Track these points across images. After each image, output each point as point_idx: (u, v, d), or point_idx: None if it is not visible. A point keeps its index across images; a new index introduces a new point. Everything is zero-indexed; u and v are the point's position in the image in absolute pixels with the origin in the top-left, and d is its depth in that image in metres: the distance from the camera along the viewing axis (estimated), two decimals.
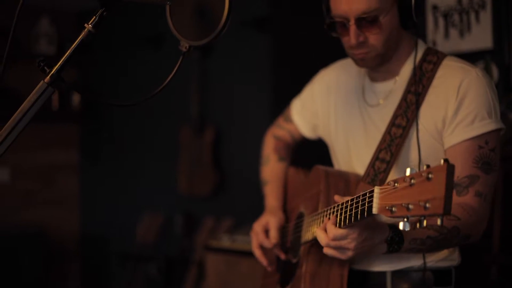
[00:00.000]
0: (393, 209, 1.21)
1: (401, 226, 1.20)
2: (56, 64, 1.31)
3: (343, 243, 1.49)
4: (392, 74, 1.82)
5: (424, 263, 1.74)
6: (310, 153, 2.24)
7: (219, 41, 2.19)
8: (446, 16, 3.35)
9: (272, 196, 2.07)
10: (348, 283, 1.72)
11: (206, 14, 1.28)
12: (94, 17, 1.30)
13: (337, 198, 1.56)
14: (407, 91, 1.75)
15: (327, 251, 1.52)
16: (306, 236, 1.76)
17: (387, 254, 1.57)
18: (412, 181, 1.18)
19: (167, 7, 1.51)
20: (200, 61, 4.35)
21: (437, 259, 1.77)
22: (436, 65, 1.75)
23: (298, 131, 2.13)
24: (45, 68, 1.30)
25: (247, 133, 4.12)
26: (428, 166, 1.17)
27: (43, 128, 4.94)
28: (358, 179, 1.79)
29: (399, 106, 1.75)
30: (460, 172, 1.63)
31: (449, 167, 1.13)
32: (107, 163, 5.19)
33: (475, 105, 1.65)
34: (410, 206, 1.17)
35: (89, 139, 5.34)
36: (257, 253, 1.97)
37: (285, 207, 2.07)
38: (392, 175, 1.76)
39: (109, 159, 5.18)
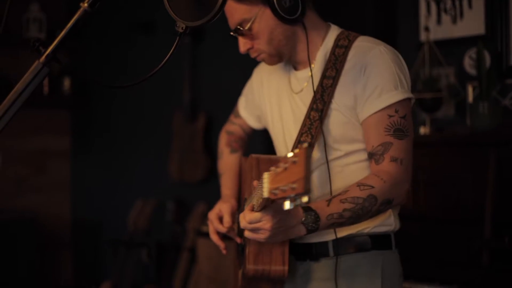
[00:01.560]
0: (275, 191, 1.31)
1: (285, 206, 1.29)
2: (50, 45, 1.30)
3: (258, 225, 1.62)
4: (311, 59, 1.90)
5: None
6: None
7: (211, 27, 2.18)
8: (438, 2, 3.35)
9: (225, 186, 2.20)
10: (294, 256, 1.88)
11: None
12: None
13: (254, 183, 1.67)
14: (323, 76, 1.85)
15: (247, 234, 1.68)
16: None
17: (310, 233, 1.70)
18: (286, 165, 1.29)
19: None
20: (192, 47, 4.34)
21: (373, 226, 1.87)
22: (347, 48, 1.85)
23: (246, 124, 2.28)
24: (40, 48, 1.29)
25: None
26: (295, 149, 1.30)
27: (34, 113, 4.91)
28: None
29: (317, 91, 1.85)
30: (374, 142, 1.78)
31: (307, 151, 1.25)
32: (98, 149, 5.18)
33: (380, 79, 1.77)
34: (285, 188, 1.28)
35: (80, 125, 5.32)
36: (214, 238, 2.13)
37: (240, 195, 2.19)
38: (314, 157, 1.88)
39: (100, 145, 5.17)
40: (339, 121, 1.84)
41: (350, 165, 1.88)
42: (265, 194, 1.37)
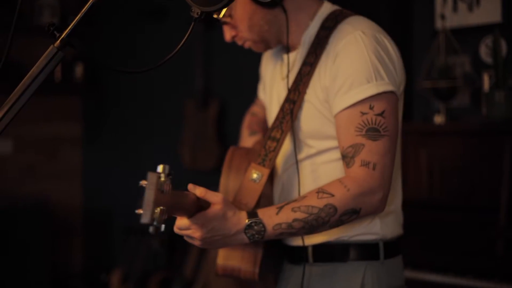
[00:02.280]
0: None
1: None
2: (65, 29, 1.28)
3: (187, 232, 1.51)
4: (297, 44, 1.75)
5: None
6: None
7: None
8: None
9: None
10: (275, 257, 1.76)
11: None
12: None
13: (189, 187, 1.52)
14: (303, 63, 1.68)
15: (185, 238, 1.55)
16: None
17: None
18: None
19: None
20: (204, 34, 4.32)
21: (353, 234, 1.69)
22: (331, 30, 1.66)
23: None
24: (55, 32, 1.28)
25: None
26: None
27: (46, 100, 4.91)
28: None
29: (295, 80, 1.69)
30: (344, 142, 1.57)
31: (152, 178, 1.29)
32: (110, 136, 5.18)
33: (350, 70, 1.57)
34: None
35: (92, 112, 5.32)
36: None
37: None
38: (281, 154, 1.74)
39: (112, 132, 5.17)
40: (312, 114, 1.66)
41: (323, 164, 1.69)
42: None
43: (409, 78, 3.47)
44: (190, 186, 1.48)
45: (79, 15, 1.29)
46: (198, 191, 1.48)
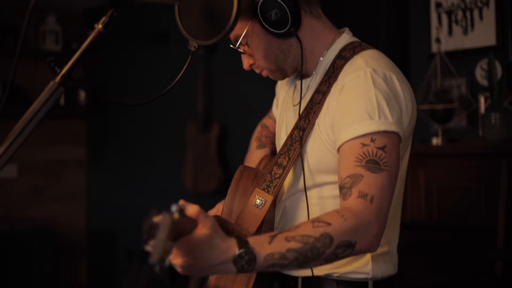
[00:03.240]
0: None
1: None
2: (65, 64, 1.33)
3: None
4: (312, 70, 1.73)
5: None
6: None
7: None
8: (449, 13, 3.37)
9: None
10: (267, 280, 1.70)
11: (214, 13, 1.30)
12: (104, 17, 1.32)
13: (181, 202, 1.38)
14: (316, 90, 1.66)
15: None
16: None
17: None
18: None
19: (176, 7, 1.54)
20: (206, 57, 4.38)
21: (344, 272, 1.65)
22: (347, 61, 1.63)
23: None
24: (56, 68, 1.32)
25: (252, 130, 4.13)
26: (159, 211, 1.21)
27: (50, 124, 4.97)
28: None
29: (306, 107, 1.66)
30: (343, 173, 1.50)
31: (166, 219, 1.18)
32: (113, 159, 5.22)
33: (355, 105, 1.53)
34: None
35: (95, 135, 5.36)
36: None
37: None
38: (288, 183, 1.71)
39: (115, 155, 5.21)
40: (318, 145, 1.63)
41: (326, 199, 1.65)
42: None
43: None
44: (182, 202, 1.34)
45: (78, 51, 1.33)
46: (191, 210, 1.32)
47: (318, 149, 1.62)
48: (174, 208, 1.22)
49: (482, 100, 3.23)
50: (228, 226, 1.71)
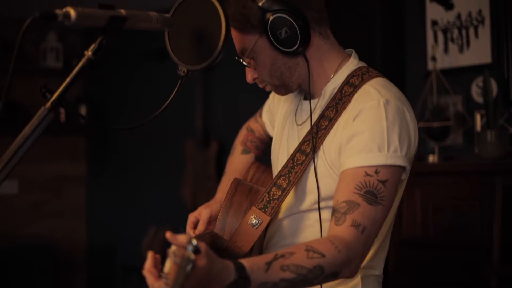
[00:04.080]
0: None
1: None
2: (56, 90, 1.35)
3: None
4: (319, 92, 1.73)
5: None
6: None
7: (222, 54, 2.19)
8: (445, 31, 3.39)
9: (221, 189, 1.99)
10: None
11: (203, 40, 1.32)
12: (94, 44, 1.35)
13: (167, 235, 1.29)
14: (322, 115, 1.66)
15: None
16: None
17: None
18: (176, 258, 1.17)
19: (166, 33, 1.57)
20: (204, 74, 4.40)
21: None
22: (356, 88, 1.64)
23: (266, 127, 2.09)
24: (47, 94, 1.34)
25: None
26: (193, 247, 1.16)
27: (51, 140, 5.00)
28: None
29: (310, 131, 1.66)
30: (340, 196, 1.52)
31: (183, 259, 1.14)
32: (113, 175, 5.24)
33: (366, 135, 1.53)
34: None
35: (95, 151, 5.39)
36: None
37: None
38: (286, 204, 1.70)
39: (115, 171, 5.23)
40: (321, 171, 1.63)
41: (324, 222, 1.63)
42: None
43: None
44: (168, 235, 1.26)
45: (69, 78, 1.35)
46: (180, 239, 1.23)
47: (322, 175, 1.63)
48: (190, 248, 1.17)
49: (478, 117, 3.24)
50: (222, 243, 1.71)
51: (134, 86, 4.97)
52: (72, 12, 1.27)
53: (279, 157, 1.80)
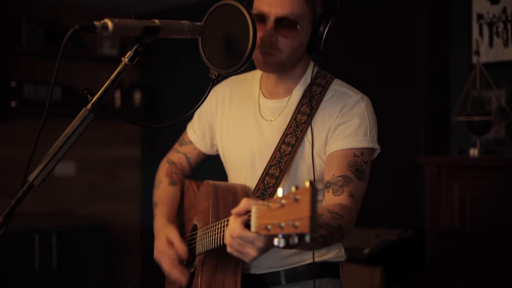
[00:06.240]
0: (268, 227, 1.24)
1: (275, 242, 1.22)
2: (97, 92, 1.45)
3: (247, 245, 1.37)
4: (285, 92, 1.90)
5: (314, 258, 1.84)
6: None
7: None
8: (491, 25, 3.40)
9: (160, 216, 2.13)
10: (246, 286, 1.85)
11: (233, 44, 1.40)
12: (130, 51, 1.45)
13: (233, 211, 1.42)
14: (297, 111, 1.85)
15: (230, 250, 1.43)
16: (200, 248, 1.85)
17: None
18: (283, 202, 1.21)
19: (199, 39, 1.68)
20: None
21: (326, 258, 1.88)
22: (325, 88, 1.87)
23: (195, 151, 2.25)
24: (88, 96, 1.45)
25: None
26: (297, 188, 1.20)
27: (107, 125, 5.18)
28: (246, 191, 1.89)
29: (289, 125, 1.85)
30: (335, 172, 1.74)
31: (313, 190, 1.17)
32: None
33: (354, 125, 1.78)
34: (282, 225, 1.20)
35: (150, 136, 5.53)
36: (175, 273, 1.98)
37: (182, 218, 2.16)
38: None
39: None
40: (309, 158, 1.83)
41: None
42: (253, 228, 1.30)
43: (447, 111, 3.57)
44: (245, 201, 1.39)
45: (107, 82, 1.45)
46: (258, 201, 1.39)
47: (309, 161, 1.82)
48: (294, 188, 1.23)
49: None
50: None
51: (188, 72, 5.09)
52: (110, 24, 1.38)
53: (247, 151, 1.94)
